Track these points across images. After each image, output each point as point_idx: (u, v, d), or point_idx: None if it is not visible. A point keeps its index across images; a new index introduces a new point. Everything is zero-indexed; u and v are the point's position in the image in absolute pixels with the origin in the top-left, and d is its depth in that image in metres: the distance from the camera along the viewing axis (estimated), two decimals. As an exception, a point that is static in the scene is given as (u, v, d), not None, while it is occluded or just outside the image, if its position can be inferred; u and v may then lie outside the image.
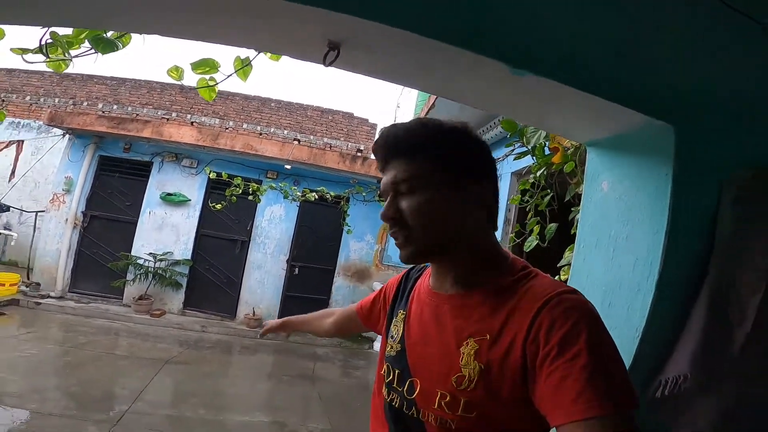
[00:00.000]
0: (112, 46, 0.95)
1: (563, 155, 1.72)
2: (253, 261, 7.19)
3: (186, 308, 7.00)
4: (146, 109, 7.87)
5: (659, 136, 0.97)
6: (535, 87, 0.91)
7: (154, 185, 7.05)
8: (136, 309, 6.53)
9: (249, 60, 1.27)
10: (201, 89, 1.31)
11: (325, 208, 7.37)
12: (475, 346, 0.63)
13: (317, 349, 6.41)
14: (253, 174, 7.15)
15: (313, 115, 8.68)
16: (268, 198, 7.15)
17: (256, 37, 0.89)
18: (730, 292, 0.94)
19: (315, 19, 0.76)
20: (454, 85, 1.01)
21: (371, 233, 7.52)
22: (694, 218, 0.97)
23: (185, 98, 8.08)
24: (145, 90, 8.10)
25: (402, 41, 0.81)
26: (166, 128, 6.57)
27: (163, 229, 7.00)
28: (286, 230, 7.31)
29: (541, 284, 0.64)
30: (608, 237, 1.13)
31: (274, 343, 6.38)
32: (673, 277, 0.95)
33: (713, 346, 0.91)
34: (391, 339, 0.78)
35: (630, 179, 1.08)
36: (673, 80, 0.99)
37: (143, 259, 6.75)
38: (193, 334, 6.24)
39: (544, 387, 0.56)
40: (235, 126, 8.09)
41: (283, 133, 8.26)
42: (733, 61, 1.04)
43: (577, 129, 1.17)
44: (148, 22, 0.81)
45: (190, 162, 7.12)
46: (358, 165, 6.80)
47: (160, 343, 5.57)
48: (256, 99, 8.45)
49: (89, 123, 6.48)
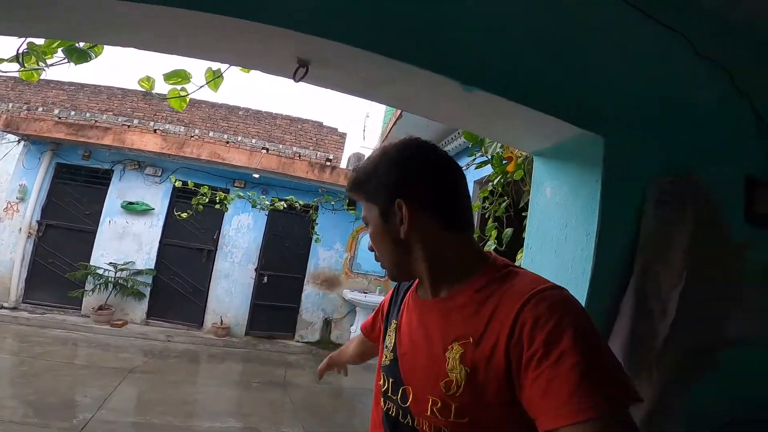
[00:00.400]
0: (86, 56, 0.98)
1: (516, 164, 1.87)
2: (220, 270, 7.05)
3: (150, 318, 6.77)
4: (106, 116, 7.52)
5: (591, 146, 1.11)
6: (484, 102, 1.03)
7: (114, 194, 6.81)
8: (96, 319, 6.27)
9: (221, 72, 1.33)
10: (171, 99, 1.35)
11: (293, 217, 7.36)
12: (460, 350, 0.62)
13: (288, 356, 6.33)
14: (220, 183, 7.05)
15: (282, 123, 8.64)
16: (235, 207, 7.06)
17: (230, 54, 0.96)
18: (653, 288, 1.07)
19: (285, 39, 0.84)
20: (413, 100, 1.11)
21: (340, 241, 7.55)
22: (620, 221, 1.11)
23: (148, 105, 7.82)
24: (105, 96, 7.72)
25: (365, 60, 0.90)
26: (129, 136, 6.36)
27: (125, 238, 6.76)
28: (254, 239, 7.22)
29: (522, 282, 0.63)
30: (551, 239, 1.25)
31: (242, 351, 6.27)
32: (604, 274, 1.07)
33: (640, 337, 1.01)
34: (385, 349, 0.80)
35: (568, 186, 1.21)
36: (603, 95, 1.13)
37: (103, 269, 6.49)
38: (157, 343, 6.05)
39: (532, 390, 0.54)
40: (201, 134, 7.92)
41: (251, 142, 8.16)
42: (656, 75, 1.20)
43: (523, 140, 1.30)
44: (124, 37, 0.85)
45: (154, 170, 6.93)
46: (327, 174, 6.84)
47: (122, 353, 5.38)
48: (224, 107, 8.31)
49: (47, 129, 6.18)
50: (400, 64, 0.89)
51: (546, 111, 1.05)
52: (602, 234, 1.08)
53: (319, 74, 0.97)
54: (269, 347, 6.50)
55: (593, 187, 1.11)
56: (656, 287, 1.07)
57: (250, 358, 6.07)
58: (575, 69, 1.10)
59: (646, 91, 1.18)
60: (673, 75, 1.22)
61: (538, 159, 1.35)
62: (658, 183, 1.15)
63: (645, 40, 1.18)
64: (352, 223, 7.50)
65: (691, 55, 1.21)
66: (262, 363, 5.92)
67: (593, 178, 1.12)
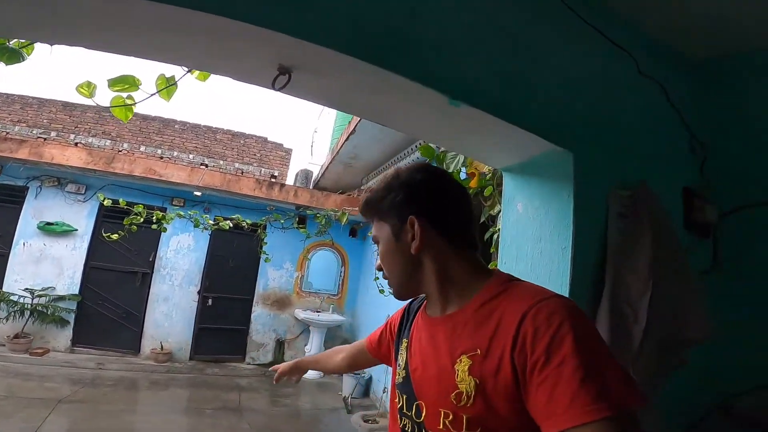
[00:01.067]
0: (17, 56, 0.83)
1: (479, 180, 1.90)
2: (157, 293, 6.50)
3: (75, 345, 6.10)
4: (19, 127, 6.64)
5: (561, 160, 1.15)
6: (464, 117, 1.02)
7: (29, 213, 6.03)
8: (12, 348, 5.59)
9: (174, 79, 1.21)
10: (115, 108, 1.20)
11: (240, 236, 6.96)
12: (468, 362, 0.64)
13: (240, 380, 6.00)
14: (155, 201, 6.49)
15: (223, 138, 8.23)
16: (174, 227, 6.52)
17: (203, 57, 0.86)
18: (625, 294, 1.12)
19: (268, 42, 0.77)
20: (392, 112, 1.08)
21: (291, 261, 7.29)
22: (591, 233, 1.15)
23: (68, 116, 7.03)
24: (19, 105, 6.81)
25: (348, 67, 0.85)
26: (48, 149, 5.66)
27: (42, 262, 6.01)
28: (196, 260, 6.74)
29: (523, 293, 0.66)
30: (525, 253, 1.27)
31: (188, 376, 5.84)
32: (580, 284, 1.10)
33: (619, 342, 1.05)
34: (398, 367, 0.83)
35: (540, 200, 1.24)
36: (572, 112, 1.18)
37: (17, 295, 5.75)
38: (87, 371, 5.48)
39: (537, 397, 0.56)
40: (130, 148, 7.28)
41: (188, 158, 7.66)
42: (613, 91, 1.29)
43: (494, 155, 1.32)
44: (75, 33, 0.73)
45: (77, 187, 6.21)
46: (275, 192, 6.59)
47: (47, 382, 4.81)
48: (157, 120, 7.71)
49: None
50: (390, 75, 0.86)
51: (520, 125, 1.07)
52: (576, 247, 1.11)
53: (301, 82, 0.91)
54: (218, 371, 6.14)
55: (566, 202, 1.14)
56: (627, 294, 1.12)
57: (197, 384, 5.69)
58: (545, 84, 1.14)
59: (601, 106, 1.26)
60: (623, 91, 1.32)
61: (508, 174, 1.38)
62: (617, 196, 1.22)
63: (598, 57, 1.26)
64: (303, 241, 7.28)
65: (635, 73, 1.31)
66: (212, 388, 5.58)
67: (565, 192, 1.15)
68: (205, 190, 6.38)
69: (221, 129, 8.27)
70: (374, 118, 1.06)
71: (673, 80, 1.41)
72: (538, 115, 1.10)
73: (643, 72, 1.32)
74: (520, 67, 1.10)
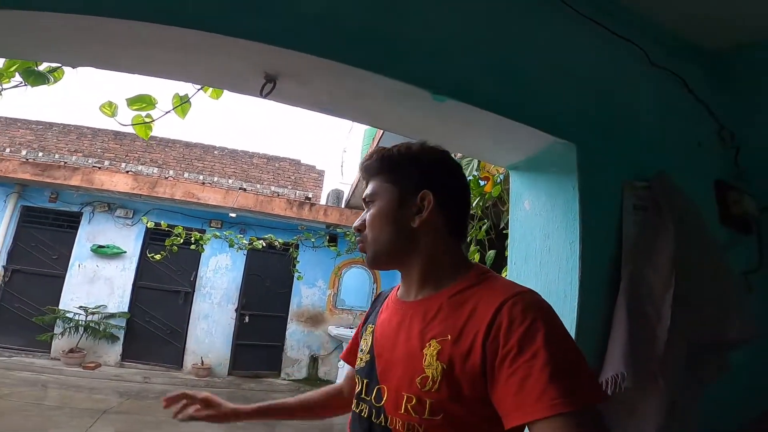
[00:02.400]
0: (43, 78, 0.93)
1: (494, 183, 1.87)
2: (198, 311, 6.83)
3: (124, 360, 6.52)
4: (75, 157, 7.27)
5: (564, 154, 1.11)
6: (455, 113, 1.02)
7: (83, 237, 6.59)
8: (67, 362, 6.03)
9: (188, 97, 1.29)
10: (136, 126, 1.30)
11: (274, 256, 7.23)
12: (437, 347, 0.64)
13: (275, 394, 6.10)
14: (195, 223, 6.89)
15: (259, 162, 8.59)
16: (212, 247, 6.88)
17: (194, 71, 0.93)
18: (645, 292, 1.04)
19: (251, 53, 0.82)
20: (383, 114, 1.10)
21: (323, 278, 7.41)
22: (601, 226, 1.09)
23: (119, 145, 7.62)
24: (75, 136, 7.44)
25: (334, 72, 0.88)
26: (98, 176, 6.18)
27: (95, 282, 6.53)
28: (234, 279, 7.04)
29: (499, 285, 0.67)
30: (534, 251, 1.22)
31: (226, 391, 6.03)
32: (593, 281, 1.04)
33: (639, 344, 0.97)
34: (360, 352, 0.81)
35: (546, 196, 1.20)
36: (575, 103, 1.15)
37: (73, 312, 6.24)
38: (134, 385, 5.80)
39: (505, 387, 0.56)
40: (175, 175, 7.75)
41: (227, 182, 8.04)
42: (622, 84, 1.24)
43: (497, 153, 1.30)
44: (85, 55, 0.81)
45: (125, 212, 6.72)
46: (306, 211, 6.77)
47: (96, 394, 5.11)
48: (198, 146, 8.19)
49: (11, 170, 5.95)
50: (370, 75, 0.88)
51: (518, 119, 1.05)
52: (585, 241, 1.06)
53: (286, 89, 0.95)
54: (254, 386, 6.31)
55: (571, 195, 1.10)
56: (648, 292, 1.04)
57: (235, 398, 5.83)
58: (543, 78, 1.12)
59: (609, 99, 1.22)
60: (633, 83, 1.27)
61: (514, 173, 1.35)
62: (632, 188, 1.15)
63: (601, 49, 1.23)
64: (334, 259, 7.42)
65: (646, 65, 1.26)
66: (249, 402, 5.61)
67: (569, 185, 1.11)
68: (239, 212, 6.67)
69: (257, 153, 8.63)
70: (366, 121, 1.09)
71: (691, 71, 1.34)
72: (536, 108, 1.08)
73: (655, 63, 1.27)
74: (514, 61, 1.09)
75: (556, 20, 1.17)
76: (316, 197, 8.55)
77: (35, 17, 0.67)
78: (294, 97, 1.00)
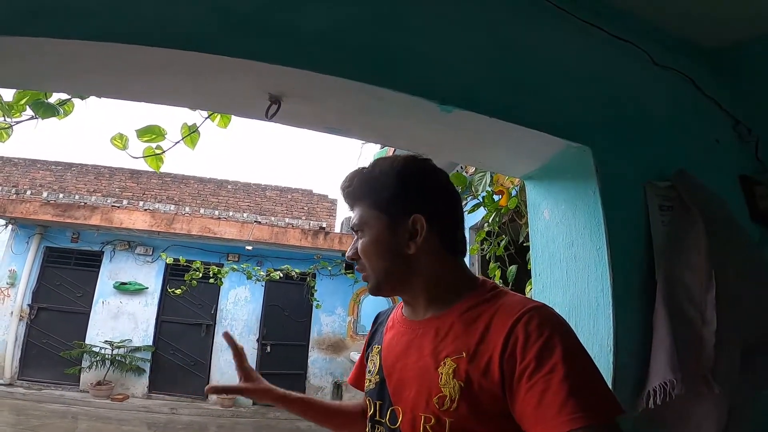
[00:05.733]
0: (53, 110, 0.95)
1: (509, 196, 1.83)
2: (220, 343, 6.87)
3: (151, 392, 6.67)
4: (95, 197, 7.51)
5: (580, 158, 1.07)
6: (465, 123, 1.00)
7: (106, 275, 6.83)
8: (95, 394, 6.21)
9: (196, 126, 1.31)
10: (148, 158, 1.31)
11: (291, 286, 7.31)
12: (453, 365, 0.63)
13: (299, 422, 6.06)
14: (213, 258, 7.03)
15: (272, 195, 8.71)
16: (231, 280, 6.98)
17: (199, 96, 0.94)
18: (684, 294, 0.98)
19: (254, 73, 0.82)
20: (391, 130, 1.08)
21: (342, 306, 7.39)
22: (628, 229, 1.04)
23: (136, 184, 7.86)
24: (93, 176, 7.73)
25: (338, 89, 0.88)
26: (117, 214, 6.38)
27: (120, 317, 6.74)
28: (254, 310, 7.11)
29: (512, 301, 0.66)
30: (559, 261, 1.16)
31: (252, 420, 6.12)
32: (626, 286, 0.98)
33: (686, 349, 0.91)
34: (369, 374, 0.79)
35: (565, 203, 1.15)
36: (585, 106, 1.12)
37: (99, 347, 6.44)
38: (161, 416, 5.88)
39: (525, 402, 0.56)
40: (191, 211, 7.91)
41: (242, 216, 8.14)
42: (629, 85, 1.21)
43: (511, 163, 1.26)
44: (87, 83, 0.83)
45: (145, 249, 6.91)
46: (320, 240, 6.80)
47: (125, 425, 5.21)
48: (212, 182, 8.39)
49: (33, 211, 6.22)
50: (375, 89, 0.87)
51: (529, 125, 1.02)
52: (613, 246, 1.00)
53: (292, 110, 0.94)
54: (279, 415, 6.31)
55: (592, 199, 1.05)
56: (687, 294, 0.98)
57: (260, 427, 5.96)
58: (549, 83, 1.10)
59: (617, 100, 1.19)
60: (640, 83, 1.24)
61: (530, 183, 1.31)
62: (656, 188, 1.10)
63: (604, 51, 1.21)
64: (351, 286, 7.40)
65: (650, 66, 1.24)
66: (273, 431, 5.85)
67: (590, 189, 1.07)
68: (255, 244, 6.75)
69: (270, 186, 8.78)
70: (375, 138, 1.07)
71: (695, 70, 1.32)
72: (545, 113, 1.05)
73: (659, 63, 1.24)
74: (517, 67, 1.08)
75: (556, 26, 1.16)
76: (330, 226, 8.58)
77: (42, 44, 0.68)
78: (300, 117, 0.99)
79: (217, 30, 0.76)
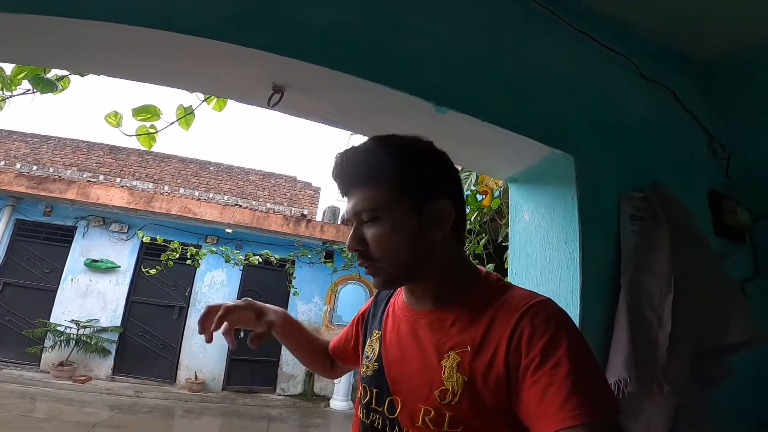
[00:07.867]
0: (51, 86, 0.95)
1: (492, 197, 1.90)
2: (193, 326, 6.75)
3: (116, 374, 6.45)
4: (70, 171, 7.24)
5: (563, 165, 1.14)
6: (457, 125, 1.05)
7: (77, 251, 6.58)
8: (56, 375, 5.95)
9: (192, 108, 1.32)
10: (140, 136, 1.32)
11: (270, 272, 7.22)
12: (456, 359, 0.62)
13: (270, 410, 6.08)
14: (191, 239, 6.88)
15: (255, 179, 8.58)
16: (208, 263, 6.85)
17: (204, 80, 0.95)
18: (644, 297, 1.06)
19: (260, 62, 0.84)
20: (384, 126, 1.12)
21: (319, 294, 7.37)
22: (602, 237, 1.11)
23: (115, 160, 7.59)
24: (70, 150, 7.43)
25: (340, 83, 0.91)
26: (94, 190, 6.16)
27: (88, 296, 6.49)
28: (229, 295, 7.00)
29: (518, 295, 0.64)
30: (534, 262, 1.23)
31: (220, 406, 6.02)
32: (593, 288, 1.06)
33: (641, 349, 0.98)
34: (366, 359, 0.76)
35: (545, 207, 1.22)
36: (572, 116, 1.18)
37: (64, 326, 6.18)
38: (125, 399, 5.74)
39: (529, 397, 0.55)
40: (171, 191, 7.72)
41: (223, 199, 8.01)
42: (616, 97, 1.28)
43: (496, 166, 1.32)
44: (91, 62, 0.83)
45: (120, 227, 6.70)
46: (302, 227, 6.77)
47: (86, 407, 5.04)
48: (195, 162, 8.18)
49: (6, 182, 5.93)
50: (375, 86, 0.91)
51: (519, 131, 1.08)
52: (585, 250, 1.08)
53: (293, 100, 0.97)
54: (249, 401, 6.27)
55: (570, 205, 1.12)
56: (648, 298, 1.06)
57: (229, 413, 5.84)
58: (540, 90, 1.16)
59: (604, 112, 1.25)
60: (626, 95, 1.31)
61: (513, 185, 1.37)
62: (629, 199, 1.18)
63: (594, 61, 1.27)
64: (330, 275, 7.39)
65: (637, 77, 1.31)
66: (243, 417, 5.72)
67: (568, 195, 1.13)
68: (236, 228, 6.65)
69: (253, 170, 8.64)
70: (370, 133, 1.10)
71: (681, 83, 1.39)
72: (533, 119, 1.11)
73: (646, 76, 1.31)
74: (511, 72, 1.13)
75: (551, 34, 1.21)
76: (312, 214, 8.54)
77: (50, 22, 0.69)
78: (300, 108, 1.02)
79: (226, 18, 0.78)
